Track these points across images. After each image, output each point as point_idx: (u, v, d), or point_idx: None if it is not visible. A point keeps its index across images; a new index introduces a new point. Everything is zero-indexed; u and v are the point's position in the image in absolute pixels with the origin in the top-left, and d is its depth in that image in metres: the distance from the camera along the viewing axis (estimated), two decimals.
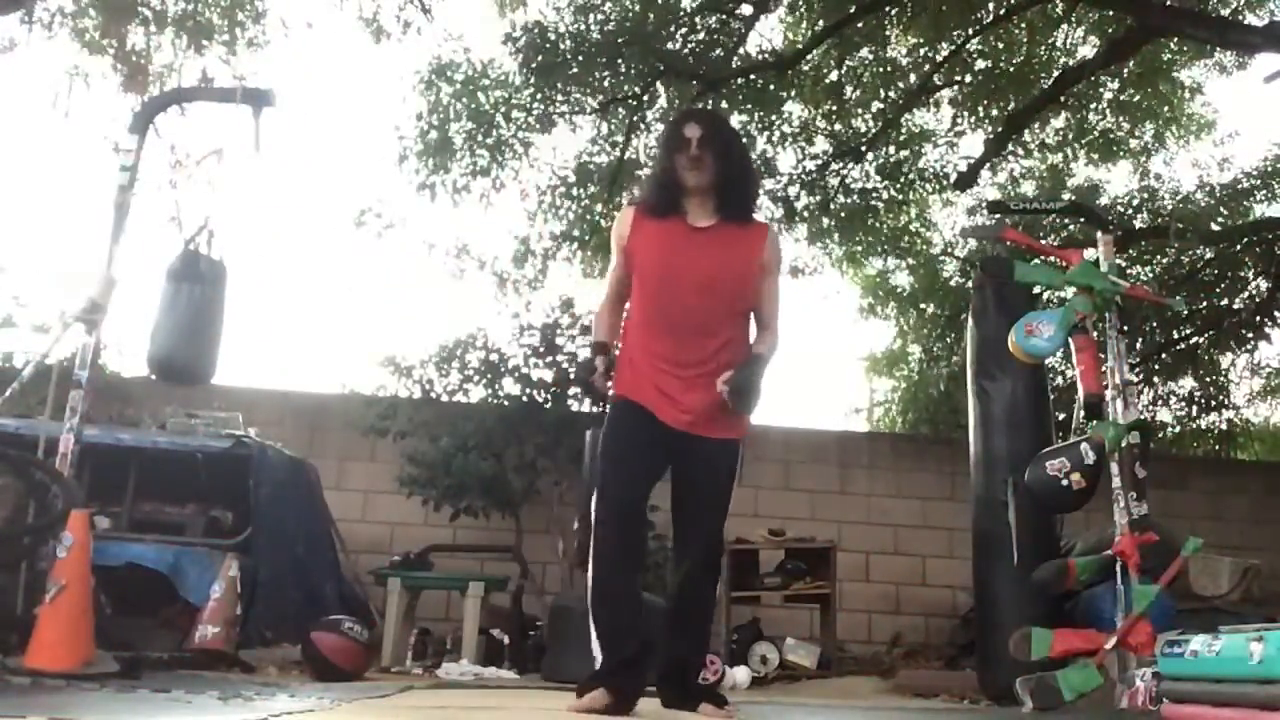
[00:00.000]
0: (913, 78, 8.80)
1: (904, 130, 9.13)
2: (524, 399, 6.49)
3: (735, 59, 8.15)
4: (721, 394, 2.74)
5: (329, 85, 17.86)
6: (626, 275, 2.99)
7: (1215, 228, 8.32)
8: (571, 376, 6.08)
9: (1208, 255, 8.70)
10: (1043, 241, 6.44)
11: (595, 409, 6.82)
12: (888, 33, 8.61)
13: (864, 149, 8.84)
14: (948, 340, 9.31)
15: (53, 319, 4.37)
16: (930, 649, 6.77)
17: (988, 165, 9.09)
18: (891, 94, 8.94)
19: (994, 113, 8.93)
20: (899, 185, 9.23)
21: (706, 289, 2.85)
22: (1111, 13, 8.06)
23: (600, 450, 2.91)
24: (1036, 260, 4.82)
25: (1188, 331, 9.03)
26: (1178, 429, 9.76)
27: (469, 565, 6.35)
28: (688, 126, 2.92)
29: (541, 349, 6.56)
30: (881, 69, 8.84)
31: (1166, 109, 9.66)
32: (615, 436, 2.88)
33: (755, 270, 2.92)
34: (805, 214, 9.00)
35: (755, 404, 2.84)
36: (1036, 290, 5.50)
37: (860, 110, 9.07)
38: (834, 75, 8.74)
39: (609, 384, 2.90)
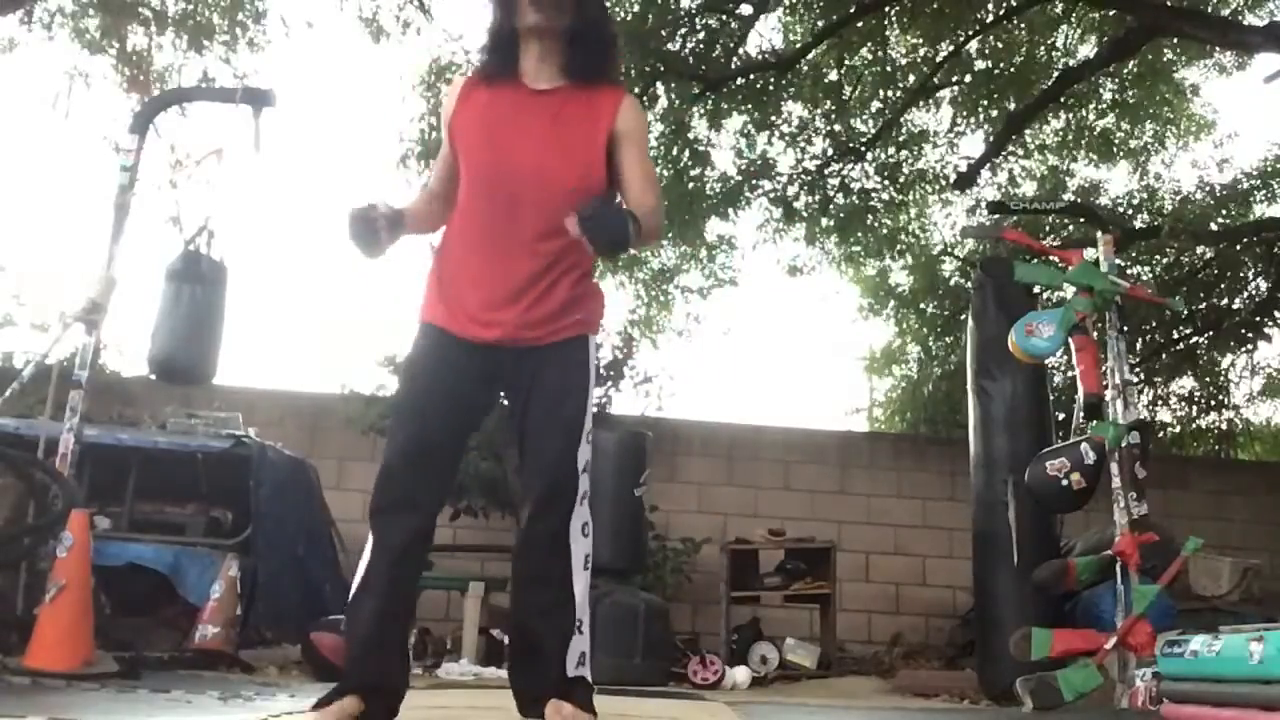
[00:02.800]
0: (912, 78, 8.80)
1: (904, 130, 9.13)
2: None
3: (735, 59, 8.15)
4: (571, 227, 2.04)
5: (329, 85, 17.87)
6: (452, 165, 2.35)
7: (1215, 228, 8.33)
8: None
9: (1208, 255, 8.70)
10: (1043, 241, 6.44)
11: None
12: (888, 33, 8.61)
13: (864, 149, 8.84)
14: (947, 340, 9.32)
15: (53, 319, 4.37)
16: (930, 649, 6.77)
17: (988, 165, 9.09)
18: (891, 94, 8.94)
19: (994, 113, 8.93)
20: (898, 185, 9.23)
21: (541, 168, 2.23)
22: (1111, 13, 8.07)
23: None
24: (1036, 260, 4.83)
25: (1188, 331, 9.03)
26: (1178, 429, 9.76)
27: (469, 565, 6.34)
28: None
29: None
30: (881, 69, 8.84)
31: (1166, 109, 9.67)
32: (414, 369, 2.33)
33: (604, 142, 2.28)
34: (804, 214, 9.01)
35: (616, 240, 2.10)
36: (1036, 290, 5.51)
37: (860, 110, 9.08)
38: (834, 75, 8.75)
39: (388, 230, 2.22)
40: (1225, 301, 8.91)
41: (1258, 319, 8.70)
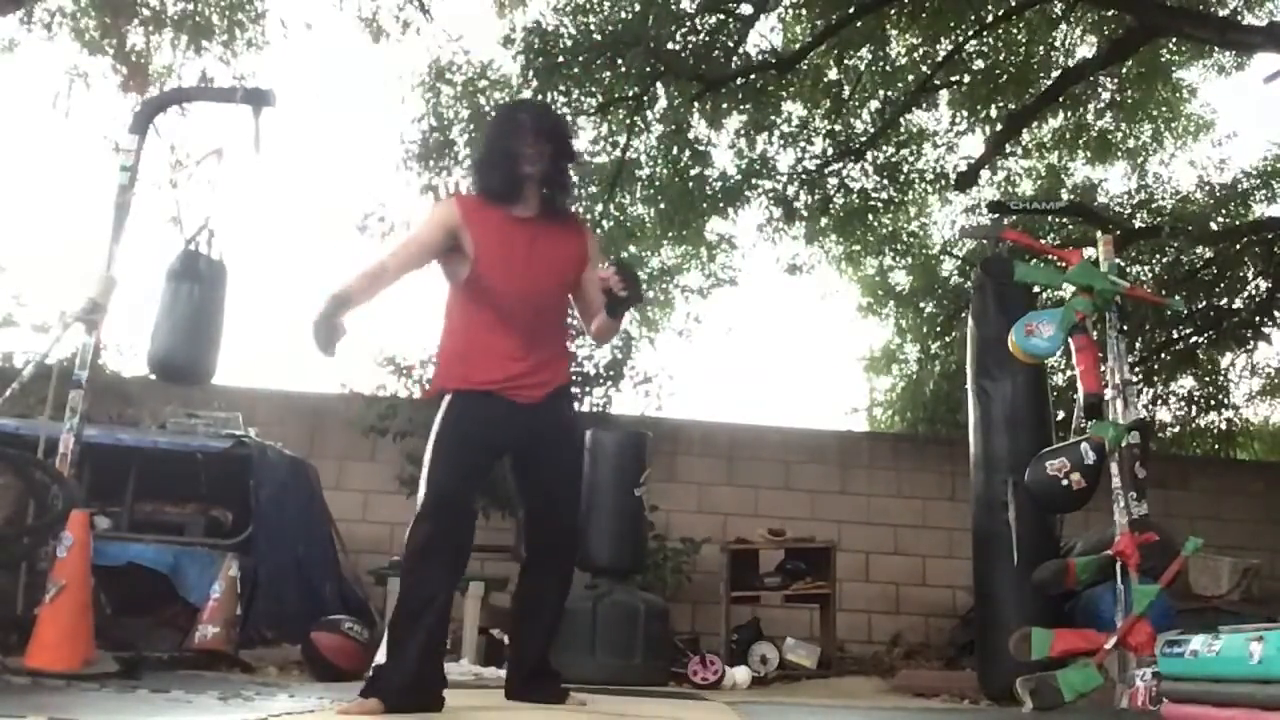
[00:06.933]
0: (912, 78, 8.80)
1: (903, 130, 9.13)
2: None
3: (735, 59, 8.15)
4: (608, 276, 2.77)
5: (329, 86, 17.87)
6: (430, 256, 2.92)
7: (1215, 228, 8.33)
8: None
9: (1208, 255, 8.70)
10: (1042, 241, 6.44)
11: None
12: (888, 33, 8.61)
13: (863, 149, 8.84)
14: (946, 340, 9.32)
15: (53, 319, 4.37)
16: (930, 649, 6.77)
17: (987, 165, 9.09)
18: (891, 94, 8.95)
19: (994, 113, 8.93)
20: (898, 185, 9.23)
21: (543, 283, 2.92)
22: (1111, 13, 8.07)
23: (438, 445, 2.85)
24: (1036, 260, 4.82)
25: (1188, 331, 9.04)
26: (1178, 429, 9.76)
27: (469, 565, 6.34)
28: (525, 115, 2.99)
29: None
30: (881, 69, 8.84)
31: (1165, 109, 9.68)
32: (457, 427, 2.86)
33: (582, 265, 3.01)
34: (804, 214, 9.01)
35: (635, 298, 2.87)
36: (1036, 290, 5.51)
37: (860, 110, 9.08)
38: (834, 75, 8.75)
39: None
40: (1225, 301, 8.91)
41: (1258, 319, 8.71)
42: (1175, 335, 9.06)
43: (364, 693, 2.64)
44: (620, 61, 7.63)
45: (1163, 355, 9.17)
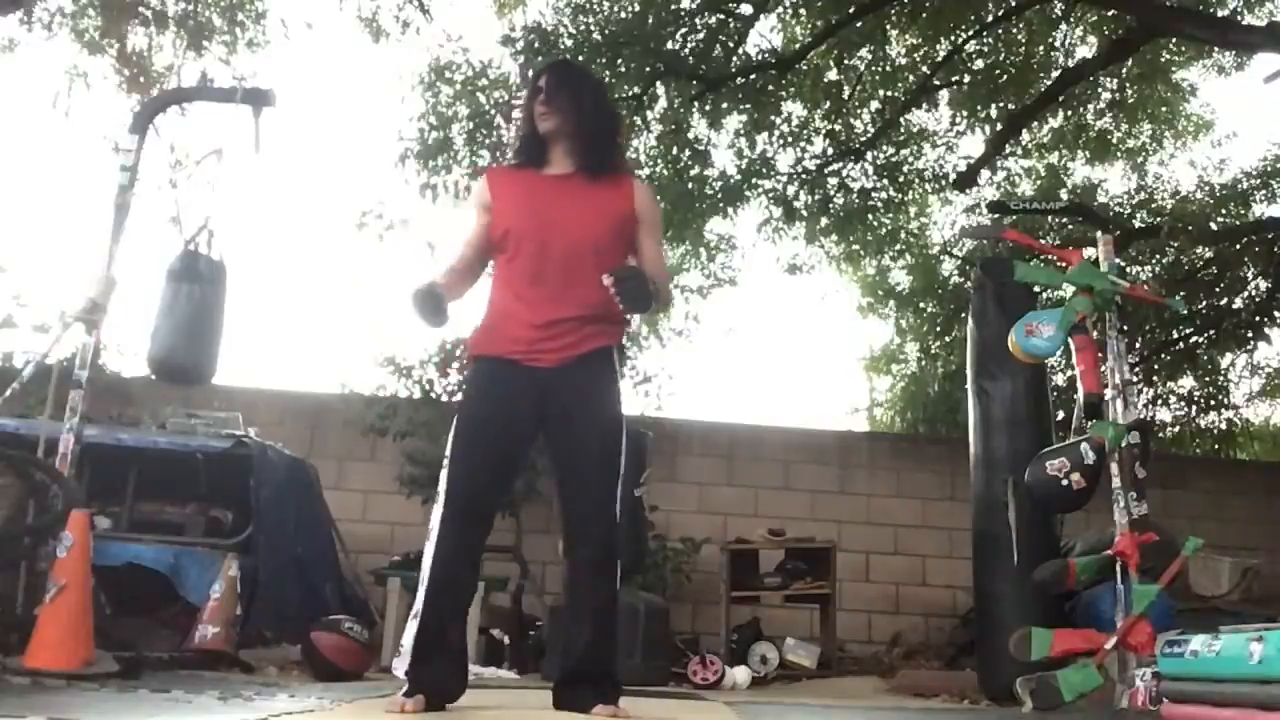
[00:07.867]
0: (912, 78, 8.81)
1: (903, 130, 9.13)
2: None
3: (735, 59, 8.15)
4: (608, 286, 2.58)
5: (329, 85, 17.86)
6: (483, 240, 2.86)
7: (1215, 228, 8.33)
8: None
9: (1208, 255, 8.70)
10: (1042, 241, 6.44)
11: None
12: (888, 33, 8.61)
13: (863, 149, 8.84)
14: (946, 340, 9.32)
15: (53, 319, 4.36)
16: (930, 649, 6.77)
17: (987, 165, 9.09)
18: (891, 94, 8.94)
19: (994, 113, 8.93)
20: (898, 185, 9.23)
21: (570, 236, 2.74)
22: (1111, 13, 8.07)
23: (459, 429, 2.71)
24: (1036, 260, 4.83)
25: (1188, 331, 9.04)
26: (1178, 429, 9.76)
27: None
28: (541, 77, 2.91)
29: None
30: (881, 69, 8.84)
31: (1164, 109, 9.68)
32: (476, 401, 2.77)
33: (625, 221, 2.82)
34: (804, 213, 9.01)
35: (644, 302, 2.63)
36: (1036, 290, 5.50)
37: (860, 110, 9.08)
38: (833, 75, 8.75)
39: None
40: (1225, 301, 8.91)
41: (1258, 319, 8.71)
42: (1175, 335, 9.06)
43: (408, 692, 2.55)
44: (620, 61, 7.62)
45: (1163, 355, 9.17)
